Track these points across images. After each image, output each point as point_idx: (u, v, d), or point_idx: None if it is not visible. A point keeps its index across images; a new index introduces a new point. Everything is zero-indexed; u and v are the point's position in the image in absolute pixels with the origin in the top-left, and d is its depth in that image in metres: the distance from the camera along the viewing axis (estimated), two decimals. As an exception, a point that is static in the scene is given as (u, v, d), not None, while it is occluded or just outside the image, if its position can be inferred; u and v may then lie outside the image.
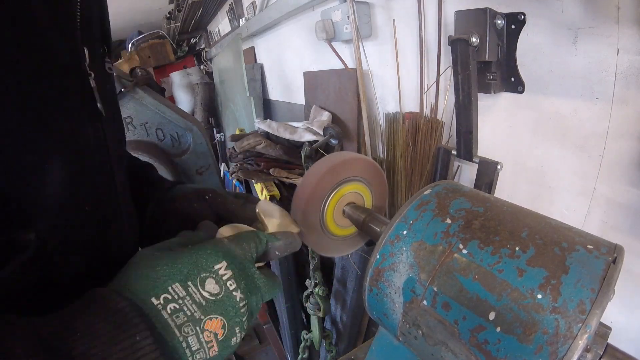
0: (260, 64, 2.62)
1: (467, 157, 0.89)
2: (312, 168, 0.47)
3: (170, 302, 0.28)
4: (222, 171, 3.01)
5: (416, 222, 0.37)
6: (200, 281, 0.29)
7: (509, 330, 0.28)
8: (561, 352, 0.25)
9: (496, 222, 0.34)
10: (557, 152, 0.76)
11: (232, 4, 2.86)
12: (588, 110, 0.68)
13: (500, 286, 0.30)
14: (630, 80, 0.61)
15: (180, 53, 4.72)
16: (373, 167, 0.51)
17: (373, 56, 1.28)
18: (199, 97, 3.99)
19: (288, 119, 1.92)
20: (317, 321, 1.39)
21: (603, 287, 0.27)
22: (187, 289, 0.29)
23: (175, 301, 0.28)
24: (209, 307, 0.29)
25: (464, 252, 0.33)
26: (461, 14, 0.80)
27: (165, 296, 0.28)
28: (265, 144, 1.65)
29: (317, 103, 1.69)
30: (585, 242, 0.31)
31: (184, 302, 0.28)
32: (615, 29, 0.60)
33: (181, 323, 0.28)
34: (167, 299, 0.28)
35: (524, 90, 0.78)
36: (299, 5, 1.58)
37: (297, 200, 0.46)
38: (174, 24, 4.10)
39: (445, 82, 0.97)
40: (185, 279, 0.29)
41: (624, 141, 0.64)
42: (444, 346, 0.32)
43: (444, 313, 0.32)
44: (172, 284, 0.28)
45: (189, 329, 0.28)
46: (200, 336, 0.28)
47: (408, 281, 0.35)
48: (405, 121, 1.11)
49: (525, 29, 0.73)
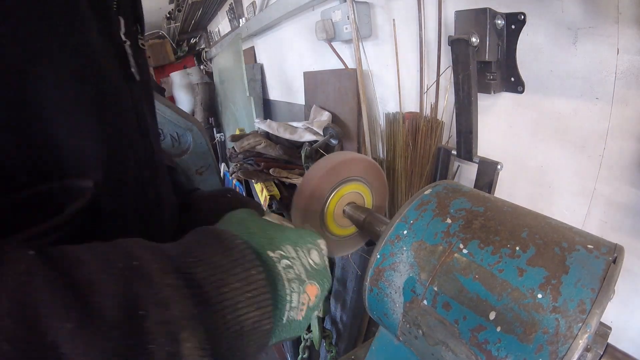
0: (260, 64, 2.62)
1: (467, 157, 0.89)
2: (313, 168, 0.47)
3: (284, 259, 0.30)
4: (222, 171, 3.01)
5: (416, 222, 0.37)
6: (307, 249, 0.33)
7: (509, 329, 0.28)
8: (561, 351, 0.26)
9: (496, 222, 0.34)
10: (557, 152, 0.76)
11: (232, 4, 2.86)
12: (588, 111, 0.68)
13: (500, 286, 0.30)
14: (630, 80, 0.61)
15: (180, 53, 4.72)
16: (373, 167, 0.51)
17: (373, 56, 1.28)
18: (199, 97, 3.99)
19: (288, 119, 1.92)
20: (317, 321, 1.39)
21: (603, 286, 0.27)
22: (297, 252, 0.32)
23: (288, 259, 0.31)
24: (311, 273, 0.32)
25: (465, 252, 0.33)
26: (461, 14, 0.80)
27: (280, 252, 0.30)
28: (265, 144, 1.65)
29: (317, 103, 1.69)
30: (585, 242, 0.31)
31: (294, 262, 0.31)
32: (615, 29, 0.60)
33: (291, 278, 0.30)
34: (282, 255, 0.30)
35: (524, 90, 0.78)
36: (299, 5, 1.58)
37: (298, 200, 0.46)
38: (174, 24, 4.10)
39: (445, 82, 0.97)
40: (294, 244, 0.32)
41: (624, 141, 0.64)
42: (445, 346, 0.32)
43: (445, 313, 0.32)
44: (285, 244, 0.31)
45: (296, 285, 0.30)
46: (300, 296, 0.31)
47: (408, 281, 0.35)
48: (405, 121, 1.11)
49: (525, 29, 0.73)
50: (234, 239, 0.28)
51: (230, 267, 0.26)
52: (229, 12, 2.99)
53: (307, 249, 0.33)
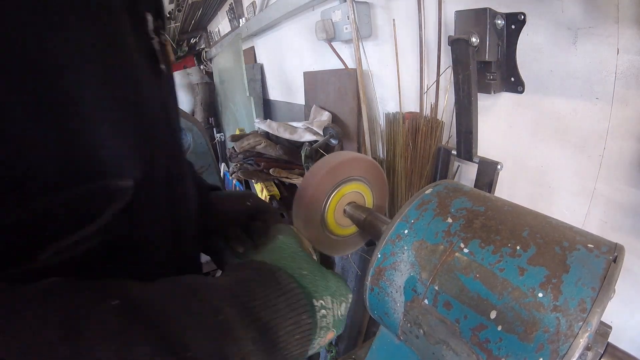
0: (260, 64, 2.62)
1: (467, 157, 0.89)
2: (313, 168, 0.47)
3: (323, 309, 0.34)
4: (222, 171, 3.01)
5: (417, 222, 0.37)
6: (339, 302, 0.36)
7: (510, 328, 0.28)
8: (562, 350, 0.26)
9: (497, 221, 0.34)
10: (557, 152, 0.77)
11: (232, 4, 2.85)
12: (588, 110, 0.68)
13: (501, 285, 0.30)
14: (630, 80, 0.61)
15: (180, 53, 4.72)
16: (374, 167, 0.51)
17: (373, 56, 1.28)
18: (199, 97, 3.99)
19: (288, 119, 1.92)
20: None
21: (604, 286, 0.27)
22: (333, 304, 0.35)
23: (325, 309, 0.34)
24: (337, 323, 0.35)
25: (465, 251, 0.33)
26: (461, 14, 0.80)
27: (322, 302, 0.34)
28: (265, 144, 1.65)
29: (317, 103, 1.69)
30: (585, 241, 0.31)
31: (329, 312, 0.34)
32: (615, 29, 0.60)
33: (322, 327, 0.34)
34: (322, 305, 0.34)
35: (524, 90, 0.78)
36: (299, 5, 1.58)
37: (299, 200, 0.46)
38: (174, 24, 4.10)
39: (445, 82, 0.97)
40: (332, 295, 0.35)
41: (624, 141, 0.64)
42: (445, 345, 0.32)
43: (445, 312, 0.32)
44: (326, 295, 0.35)
45: (323, 332, 0.34)
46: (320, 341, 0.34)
47: (409, 280, 0.35)
48: (405, 121, 1.11)
49: (525, 29, 0.73)
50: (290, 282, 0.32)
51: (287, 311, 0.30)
52: (229, 12, 2.99)
53: (340, 301, 0.36)
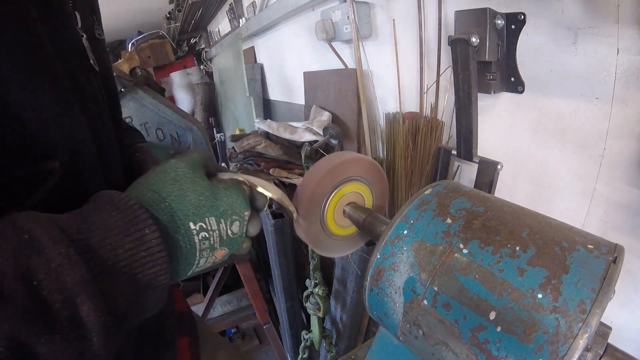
0: (260, 64, 2.62)
1: (467, 157, 0.89)
2: (313, 168, 0.47)
3: (203, 231, 0.33)
4: (222, 171, 3.00)
5: (417, 222, 0.37)
6: (230, 221, 0.35)
7: (509, 329, 0.28)
8: (562, 351, 0.26)
9: (497, 221, 0.34)
10: (557, 152, 0.76)
11: (232, 4, 2.85)
12: (588, 110, 0.68)
13: (500, 286, 0.30)
14: (630, 80, 0.61)
15: (180, 53, 4.72)
16: (373, 167, 0.51)
17: (373, 56, 1.28)
18: (199, 97, 3.98)
19: (288, 119, 1.92)
20: (317, 321, 1.38)
21: (603, 286, 0.27)
22: (219, 224, 0.34)
23: (207, 231, 0.33)
24: (226, 241, 0.35)
25: (465, 252, 0.33)
26: (461, 14, 0.80)
27: (201, 224, 0.33)
28: (265, 144, 1.65)
29: (317, 103, 1.69)
30: (585, 241, 0.31)
31: (212, 234, 0.34)
32: (615, 29, 0.60)
33: (203, 248, 0.33)
34: (202, 227, 0.33)
35: (524, 90, 0.78)
36: (299, 5, 1.58)
37: (298, 200, 0.46)
38: (174, 24, 4.10)
39: (445, 82, 0.97)
40: (220, 216, 0.34)
41: (624, 141, 0.64)
42: (445, 346, 0.32)
43: (445, 313, 0.32)
44: (209, 216, 0.34)
45: (206, 253, 0.34)
46: (208, 259, 0.34)
47: (409, 281, 0.35)
48: (405, 121, 1.11)
49: (525, 29, 0.73)
50: (127, 200, 0.30)
51: (124, 228, 0.28)
52: (229, 12, 2.99)
53: (231, 220, 0.35)
